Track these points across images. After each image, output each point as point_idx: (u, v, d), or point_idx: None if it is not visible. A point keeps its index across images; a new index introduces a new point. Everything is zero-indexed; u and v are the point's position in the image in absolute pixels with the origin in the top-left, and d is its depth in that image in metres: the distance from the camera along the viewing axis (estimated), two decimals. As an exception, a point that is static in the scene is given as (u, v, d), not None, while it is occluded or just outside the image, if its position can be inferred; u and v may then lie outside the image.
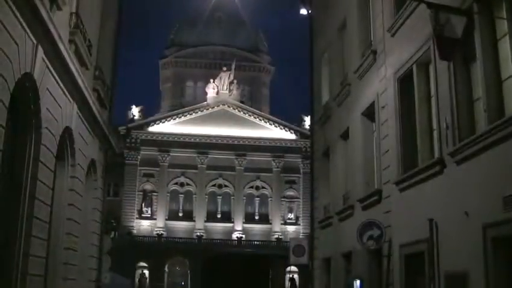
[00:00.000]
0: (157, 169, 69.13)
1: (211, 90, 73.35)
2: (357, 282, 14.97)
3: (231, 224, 68.36)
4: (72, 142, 12.96)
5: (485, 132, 9.16)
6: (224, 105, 72.11)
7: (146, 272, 62.56)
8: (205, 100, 72.95)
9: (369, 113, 15.42)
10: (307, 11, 22.28)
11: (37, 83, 9.85)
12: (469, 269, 9.54)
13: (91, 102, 13.65)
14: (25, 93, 9.79)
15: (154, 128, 70.66)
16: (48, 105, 10.65)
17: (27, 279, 9.95)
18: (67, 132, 12.47)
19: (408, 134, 12.74)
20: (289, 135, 72.13)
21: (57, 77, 11.06)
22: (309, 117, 28.86)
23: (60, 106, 11.50)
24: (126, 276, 32.81)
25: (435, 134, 11.45)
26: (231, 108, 72.23)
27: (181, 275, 64.83)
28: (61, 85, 11.44)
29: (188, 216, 68.34)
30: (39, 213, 10.49)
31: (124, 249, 48.04)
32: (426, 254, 11.03)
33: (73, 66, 11.51)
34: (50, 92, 10.69)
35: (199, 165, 69.38)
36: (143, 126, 70.47)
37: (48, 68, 10.45)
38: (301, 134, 70.34)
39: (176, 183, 69.42)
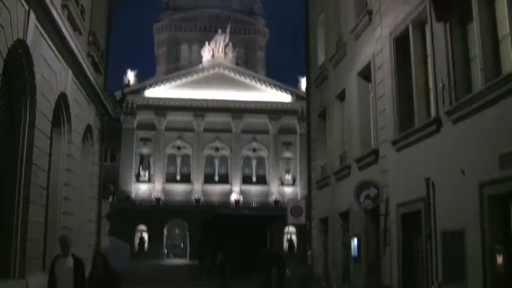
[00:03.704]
0: (154, 133, 69.06)
1: (206, 54, 72.79)
2: (355, 241, 15.12)
3: (228, 186, 68.57)
4: (68, 108, 12.93)
5: (482, 91, 9.15)
6: (220, 68, 71.70)
7: (145, 235, 63.08)
8: (201, 63, 72.53)
9: (366, 74, 15.37)
10: (302, -29, 22.05)
11: (30, 49, 9.78)
12: (465, 227, 9.63)
13: (85, 67, 13.56)
14: (19, 60, 9.72)
15: (149, 93, 70.30)
16: (43, 72, 10.58)
17: (27, 244, 10.04)
18: (62, 98, 12.43)
19: (405, 93, 12.73)
20: (286, 97, 71.87)
21: (50, 43, 10.97)
22: (305, 78, 28.69)
23: (54, 72, 11.44)
24: (125, 240, 33.01)
25: (431, 93, 11.43)
26: (227, 70, 71.80)
27: (180, 237, 65.50)
28: (55, 51, 11.35)
29: (186, 179, 68.49)
30: (37, 179, 10.52)
31: (122, 214, 48.27)
32: (423, 212, 11.13)
33: (66, 31, 11.39)
34: (44, 58, 10.62)
35: (195, 128, 69.29)
36: (139, 90, 70.10)
37: (41, 34, 10.35)
38: (297, 96, 70.04)
39: (173, 147, 69.37)
